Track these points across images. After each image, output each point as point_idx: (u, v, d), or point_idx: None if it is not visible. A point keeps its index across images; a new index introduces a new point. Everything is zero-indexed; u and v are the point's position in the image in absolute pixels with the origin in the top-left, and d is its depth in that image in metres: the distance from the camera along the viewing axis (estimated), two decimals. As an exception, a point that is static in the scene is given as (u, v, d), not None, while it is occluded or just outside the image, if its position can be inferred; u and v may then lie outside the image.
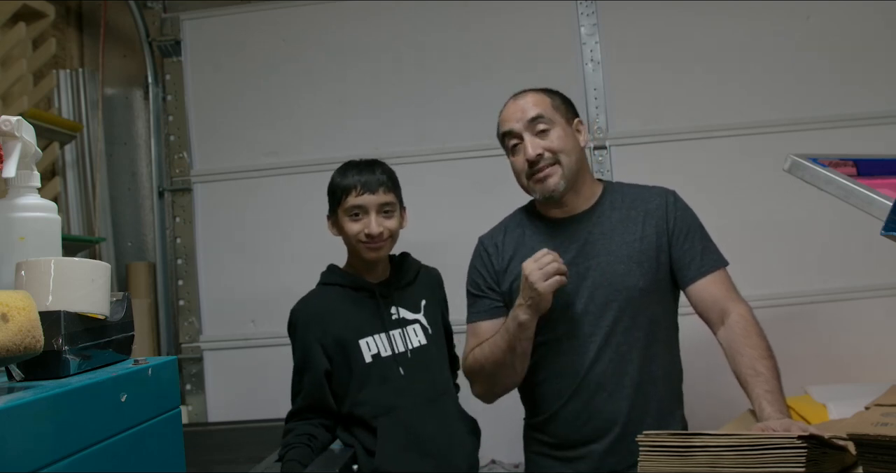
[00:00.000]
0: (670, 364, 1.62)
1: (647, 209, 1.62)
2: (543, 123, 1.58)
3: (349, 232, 1.64)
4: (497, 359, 1.58)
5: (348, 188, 1.63)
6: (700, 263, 1.57)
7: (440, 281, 1.82)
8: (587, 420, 1.56)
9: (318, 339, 1.63)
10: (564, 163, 1.57)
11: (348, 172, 1.66)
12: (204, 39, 2.57)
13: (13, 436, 0.63)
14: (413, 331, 1.68)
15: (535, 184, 1.59)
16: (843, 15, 2.31)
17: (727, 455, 1.05)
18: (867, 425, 0.97)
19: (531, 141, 1.57)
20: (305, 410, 1.63)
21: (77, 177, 2.52)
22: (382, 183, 1.64)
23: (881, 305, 2.22)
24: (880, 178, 1.12)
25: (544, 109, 1.59)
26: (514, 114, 1.60)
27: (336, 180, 1.68)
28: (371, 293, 1.68)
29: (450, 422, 1.65)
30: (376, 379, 1.62)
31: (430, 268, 1.82)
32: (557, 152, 1.57)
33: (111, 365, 0.87)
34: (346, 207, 1.63)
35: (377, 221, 1.62)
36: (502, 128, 1.63)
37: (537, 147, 1.56)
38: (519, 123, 1.58)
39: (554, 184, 1.57)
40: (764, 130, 2.31)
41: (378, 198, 1.63)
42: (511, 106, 1.63)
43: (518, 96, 1.64)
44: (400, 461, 1.57)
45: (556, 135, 1.57)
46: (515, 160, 1.61)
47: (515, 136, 1.59)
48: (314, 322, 1.64)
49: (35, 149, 0.93)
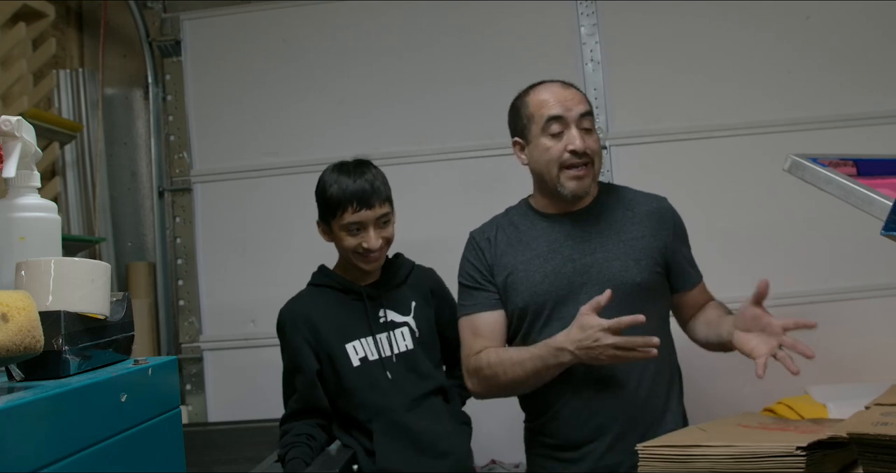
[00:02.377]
0: (669, 360, 1.63)
1: (644, 211, 1.64)
2: (589, 123, 1.58)
3: (346, 245, 1.62)
4: (518, 377, 1.56)
5: (344, 204, 1.59)
6: (694, 272, 1.67)
7: (436, 280, 1.80)
8: (588, 420, 1.56)
9: (307, 341, 1.62)
10: (596, 165, 1.59)
11: (341, 182, 1.61)
12: (204, 39, 2.57)
13: (13, 436, 0.63)
14: (401, 335, 1.68)
15: (569, 178, 1.56)
16: (843, 15, 2.31)
17: (726, 463, 1.05)
18: (867, 424, 0.97)
19: (580, 135, 1.55)
20: (300, 413, 1.63)
21: (77, 177, 2.52)
22: (378, 194, 1.60)
23: (881, 305, 2.22)
24: (880, 178, 1.12)
25: (590, 109, 1.60)
26: (563, 100, 1.57)
27: (329, 191, 1.62)
28: (359, 296, 1.67)
29: (440, 419, 1.65)
30: (365, 382, 1.62)
31: (426, 268, 1.81)
32: (593, 156, 1.57)
33: (111, 365, 0.87)
34: (342, 223, 1.60)
35: (375, 235, 1.60)
36: (550, 111, 1.56)
37: (585, 142, 1.55)
38: (570, 112, 1.56)
39: (587, 185, 1.58)
40: (764, 130, 2.31)
41: (375, 212, 1.60)
42: (559, 91, 1.59)
43: (561, 84, 1.61)
44: (400, 460, 1.58)
45: (595, 138, 1.59)
46: (554, 146, 1.56)
47: (563, 123, 1.56)
48: (302, 323, 1.64)
49: (35, 149, 0.93)
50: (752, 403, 1.88)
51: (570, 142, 1.54)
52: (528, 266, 1.61)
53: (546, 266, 1.60)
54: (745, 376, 2.17)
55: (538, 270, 1.60)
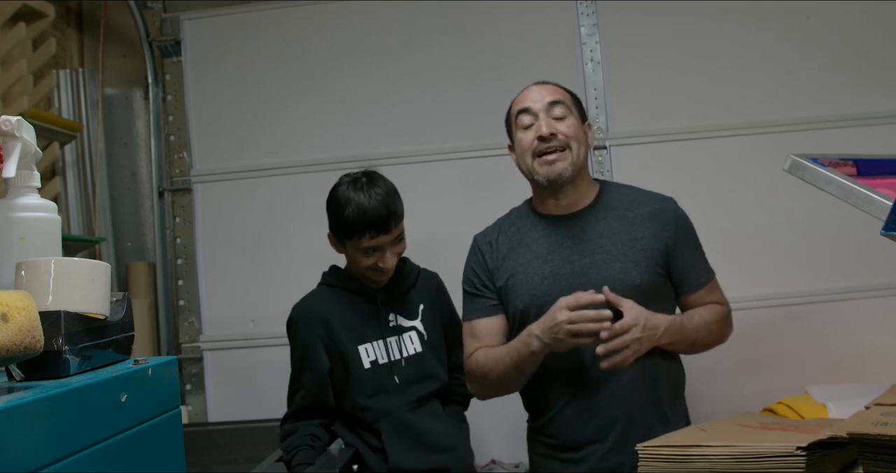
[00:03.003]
0: (671, 362, 1.62)
1: (645, 211, 1.63)
2: (561, 110, 1.60)
3: (360, 263, 1.64)
4: (502, 372, 1.59)
5: (361, 230, 1.59)
6: (699, 274, 1.63)
7: (440, 285, 1.82)
8: (589, 420, 1.56)
9: (322, 339, 1.63)
10: (574, 151, 1.59)
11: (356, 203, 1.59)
12: (204, 39, 2.57)
13: (13, 436, 0.63)
14: (409, 339, 1.69)
15: (541, 165, 1.58)
16: (843, 15, 2.31)
17: (726, 462, 1.05)
18: (867, 424, 0.97)
19: (546, 121, 1.58)
20: (305, 410, 1.64)
21: (77, 177, 2.52)
22: (395, 217, 1.62)
23: (881, 305, 2.22)
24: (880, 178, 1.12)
25: (564, 98, 1.62)
26: (534, 95, 1.63)
27: (345, 212, 1.61)
28: (372, 299, 1.68)
29: (441, 419, 1.69)
30: (375, 385, 1.64)
31: (430, 272, 1.82)
32: (570, 138, 1.58)
33: (111, 365, 0.87)
34: (359, 247, 1.61)
35: (391, 255, 1.62)
36: (519, 106, 1.63)
37: (552, 126, 1.57)
38: (538, 103, 1.60)
39: (561, 169, 1.57)
40: (764, 130, 2.31)
41: (392, 235, 1.62)
42: (532, 89, 1.65)
43: (538, 83, 1.67)
44: (411, 458, 1.61)
45: (570, 122, 1.60)
46: (524, 137, 1.60)
47: (532, 114, 1.60)
48: (317, 321, 1.64)
49: (35, 149, 0.93)
50: (752, 403, 1.88)
51: (538, 130, 1.57)
52: (527, 268, 1.62)
53: (545, 268, 1.60)
54: (746, 376, 2.19)
55: (537, 272, 1.61)
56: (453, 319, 1.79)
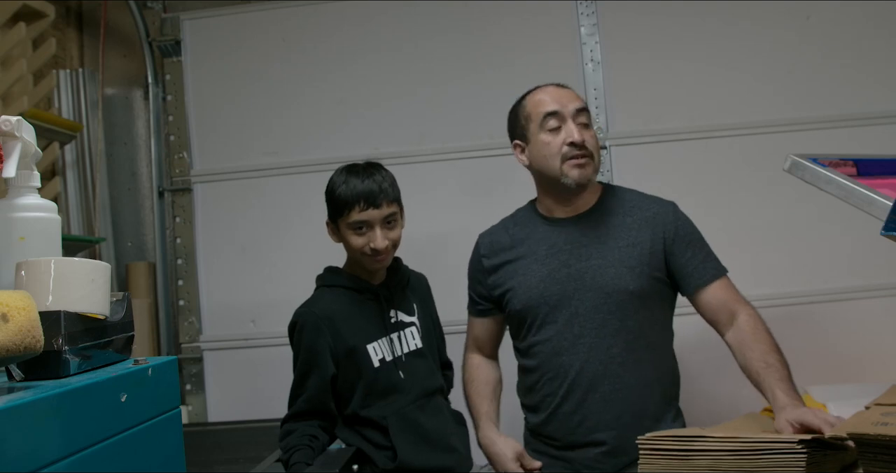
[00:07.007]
0: (663, 366, 1.63)
1: (644, 216, 1.63)
2: (585, 119, 1.62)
3: (353, 245, 1.63)
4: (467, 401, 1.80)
5: (351, 203, 1.60)
6: (703, 270, 1.59)
7: (428, 286, 1.84)
8: (581, 421, 1.57)
9: (329, 344, 1.62)
10: (595, 161, 1.62)
11: (350, 182, 1.62)
12: (204, 39, 2.57)
13: (13, 436, 0.63)
14: (410, 334, 1.70)
15: (572, 167, 1.59)
16: (843, 15, 2.31)
17: (727, 459, 1.05)
18: (867, 424, 0.97)
19: (577, 128, 1.59)
20: (306, 413, 1.63)
21: (77, 177, 2.52)
22: (386, 194, 1.62)
23: (881, 305, 2.22)
24: (880, 178, 1.12)
25: (586, 107, 1.65)
26: (558, 98, 1.63)
27: (337, 191, 1.64)
28: (374, 295, 1.68)
29: (443, 418, 1.69)
30: (383, 382, 1.64)
31: (418, 273, 1.83)
32: (593, 150, 1.61)
33: (111, 365, 0.87)
34: (349, 222, 1.62)
35: (382, 235, 1.62)
36: (545, 108, 1.62)
37: (581, 134, 1.59)
38: (566, 108, 1.61)
39: (589, 174, 1.60)
40: (764, 130, 2.30)
41: (382, 211, 1.61)
42: (553, 91, 1.65)
43: (555, 85, 1.67)
44: (418, 454, 1.61)
45: (592, 133, 1.63)
46: (553, 140, 1.60)
47: (560, 118, 1.60)
48: (325, 326, 1.63)
49: (35, 149, 0.93)
50: (752, 403, 1.87)
51: (569, 135, 1.58)
52: (526, 270, 1.64)
53: (542, 270, 1.62)
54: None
55: (535, 274, 1.62)
56: (436, 320, 1.82)
